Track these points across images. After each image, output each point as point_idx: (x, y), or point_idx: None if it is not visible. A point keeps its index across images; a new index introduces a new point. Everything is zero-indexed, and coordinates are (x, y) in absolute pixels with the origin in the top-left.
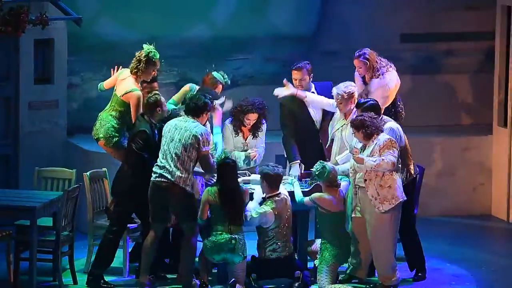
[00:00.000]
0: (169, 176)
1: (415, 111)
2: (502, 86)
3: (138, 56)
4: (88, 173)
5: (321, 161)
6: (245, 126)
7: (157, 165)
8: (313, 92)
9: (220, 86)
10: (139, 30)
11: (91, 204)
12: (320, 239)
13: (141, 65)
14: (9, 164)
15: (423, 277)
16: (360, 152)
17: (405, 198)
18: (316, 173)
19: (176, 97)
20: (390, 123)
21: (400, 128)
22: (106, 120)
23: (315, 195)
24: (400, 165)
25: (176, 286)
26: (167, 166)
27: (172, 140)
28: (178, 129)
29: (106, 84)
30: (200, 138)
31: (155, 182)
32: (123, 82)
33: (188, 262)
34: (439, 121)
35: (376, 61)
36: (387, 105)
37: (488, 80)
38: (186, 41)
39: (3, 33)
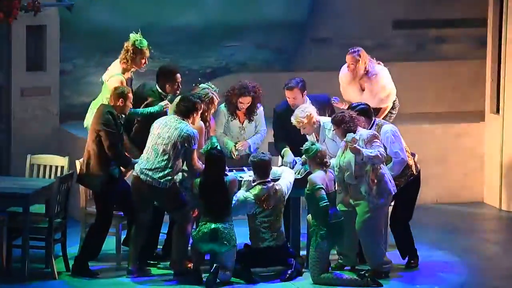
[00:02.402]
0: (150, 174)
1: (407, 98)
2: (495, 73)
3: (126, 46)
4: (80, 160)
5: (311, 141)
6: (240, 110)
7: (140, 160)
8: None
9: (215, 98)
10: (132, 17)
11: (84, 191)
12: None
13: (128, 54)
14: (1, 151)
15: (415, 264)
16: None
17: (395, 191)
18: (305, 148)
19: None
20: (387, 126)
21: (397, 129)
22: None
23: (311, 176)
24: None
25: (169, 272)
26: (150, 165)
27: (160, 137)
28: (168, 126)
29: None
30: (190, 138)
31: (137, 177)
32: (110, 69)
33: (181, 248)
34: (431, 108)
35: (367, 61)
36: (390, 103)
37: (480, 67)
38: (178, 28)
39: None
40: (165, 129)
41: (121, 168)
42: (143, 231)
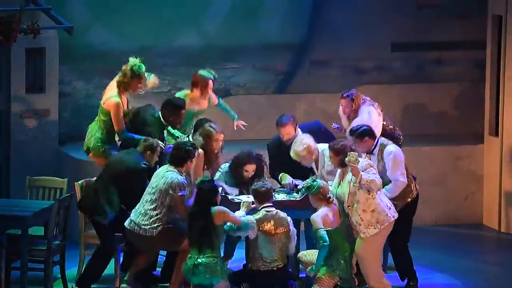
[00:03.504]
0: (137, 221)
1: (406, 120)
2: (493, 95)
3: (124, 69)
4: (79, 182)
5: (312, 177)
6: (245, 180)
7: (132, 213)
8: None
9: (211, 81)
10: (131, 39)
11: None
12: (313, 250)
13: (126, 77)
14: (0, 173)
15: (414, 287)
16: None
17: (393, 218)
18: (307, 185)
19: None
20: (391, 147)
21: (401, 150)
22: (93, 132)
23: (313, 216)
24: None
25: None
26: (138, 214)
27: (150, 186)
28: (158, 176)
29: None
30: (174, 185)
31: (127, 229)
32: (106, 91)
33: (181, 274)
34: (430, 130)
35: (360, 103)
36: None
37: (479, 89)
38: (177, 50)
39: None
40: (155, 179)
41: None
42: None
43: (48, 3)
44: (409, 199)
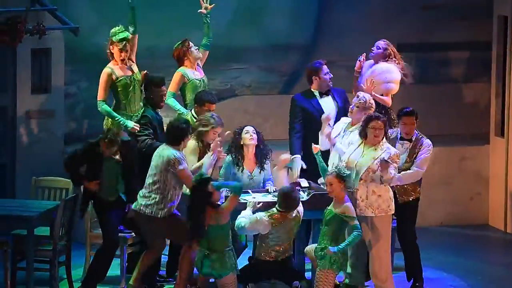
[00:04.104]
0: (143, 203)
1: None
2: (499, 95)
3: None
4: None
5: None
6: (247, 155)
7: (139, 193)
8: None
9: (187, 41)
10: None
11: (88, 213)
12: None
13: (109, 49)
14: (6, 173)
15: (420, 287)
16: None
17: (391, 212)
18: (345, 175)
19: (172, 88)
20: (429, 140)
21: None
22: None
23: (349, 204)
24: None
25: None
26: (142, 195)
27: (151, 168)
28: (156, 157)
29: None
30: (171, 161)
31: (133, 210)
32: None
33: (186, 270)
34: (435, 131)
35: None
36: (388, 99)
37: (484, 90)
38: None
39: (0, 42)
40: (154, 160)
41: None
42: (154, 255)
43: (53, 4)
44: (411, 198)
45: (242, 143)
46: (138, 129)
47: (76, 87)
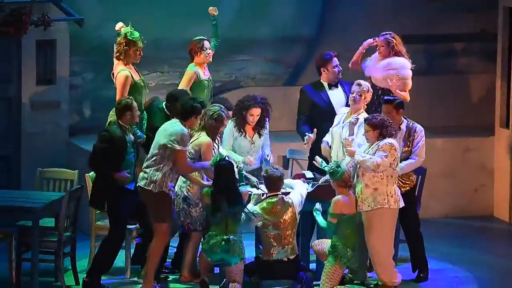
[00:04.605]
0: (140, 176)
1: (416, 112)
2: (504, 87)
3: (118, 40)
4: (90, 173)
5: (336, 160)
6: (249, 124)
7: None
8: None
9: (207, 42)
10: (142, 31)
11: None
12: (326, 239)
13: (121, 47)
14: (11, 165)
15: (425, 278)
16: (367, 150)
17: (390, 207)
18: (330, 171)
19: (184, 85)
20: (421, 126)
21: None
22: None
23: (332, 206)
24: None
25: (179, 286)
26: (143, 170)
27: (155, 142)
28: (161, 131)
29: None
30: (174, 137)
31: (139, 185)
32: (114, 70)
33: (190, 260)
34: (440, 122)
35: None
36: (407, 94)
37: (489, 81)
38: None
39: (5, 34)
40: (158, 134)
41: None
42: (163, 242)
43: None
44: (407, 188)
45: (246, 116)
46: None
47: (81, 78)
